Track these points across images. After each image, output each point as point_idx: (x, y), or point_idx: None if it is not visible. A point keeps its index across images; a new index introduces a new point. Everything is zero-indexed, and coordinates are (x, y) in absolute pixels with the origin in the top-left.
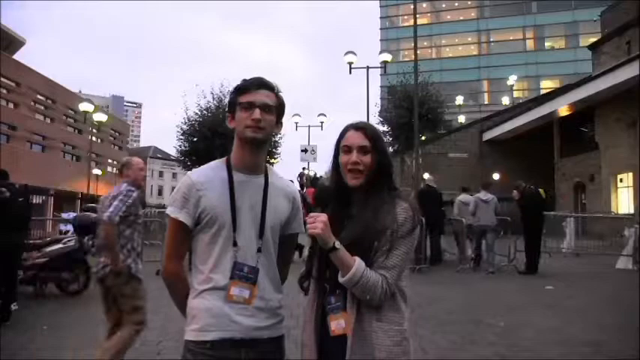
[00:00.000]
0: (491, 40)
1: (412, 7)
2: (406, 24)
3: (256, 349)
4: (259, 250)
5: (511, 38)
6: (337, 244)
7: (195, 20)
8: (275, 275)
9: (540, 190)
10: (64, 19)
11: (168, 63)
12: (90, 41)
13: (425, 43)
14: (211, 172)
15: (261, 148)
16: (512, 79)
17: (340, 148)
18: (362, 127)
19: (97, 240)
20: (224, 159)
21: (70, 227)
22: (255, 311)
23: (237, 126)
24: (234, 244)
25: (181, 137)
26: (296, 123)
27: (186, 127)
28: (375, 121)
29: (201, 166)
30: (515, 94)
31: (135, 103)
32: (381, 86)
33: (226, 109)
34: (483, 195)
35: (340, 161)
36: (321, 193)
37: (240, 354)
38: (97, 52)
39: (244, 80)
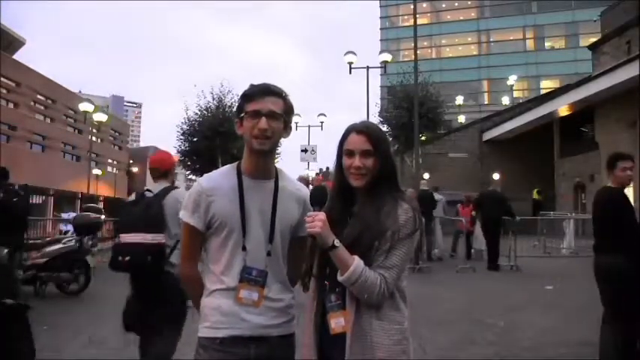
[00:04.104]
0: (491, 40)
1: (412, 7)
2: (406, 24)
3: (266, 346)
4: (268, 254)
5: (511, 38)
6: (336, 243)
7: (194, 20)
8: (284, 277)
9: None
10: (64, 19)
11: (168, 63)
12: (90, 41)
13: (425, 43)
14: (221, 177)
15: (269, 154)
16: (512, 79)
17: (343, 150)
18: (364, 131)
19: None
20: (235, 164)
21: (70, 227)
22: (264, 310)
23: (244, 134)
24: (244, 248)
25: (181, 137)
26: (296, 123)
27: (187, 127)
28: (375, 121)
29: (213, 172)
30: (515, 94)
31: (135, 103)
32: (381, 86)
33: (226, 108)
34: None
35: (343, 164)
36: (317, 193)
37: (250, 350)
38: (97, 52)
39: (251, 86)
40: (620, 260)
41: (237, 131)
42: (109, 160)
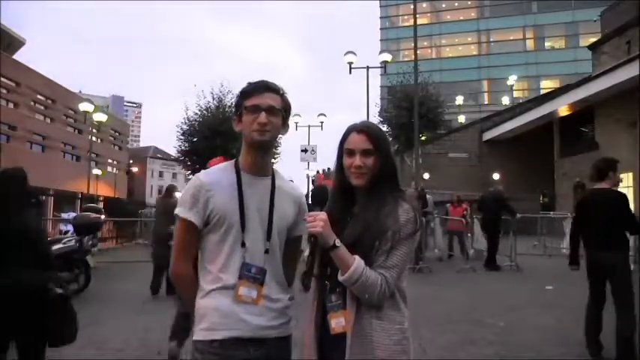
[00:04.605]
0: (491, 40)
1: (412, 7)
2: (406, 24)
3: (264, 347)
4: (266, 252)
5: (511, 38)
6: (337, 243)
7: (195, 20)
8: (281, 276)
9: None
10: (64, 19)
11: (168, 63)
12: (90, 41)
13: (425, 43)
14: (220, 173)
15: (268, 150)
16: (512, 79)
17: (343, 150)
18: (365, 130)
19: None
20: (233, 161)
21: (70, 227)
22: (263, 310)
23: (243, 129)
24: (243, 244)
25: (181, 137)
26: (296, 123)
27: (186, 127)
28: (375, 121)
29: (210, 168)
30: (515, 94)
31: (135, 103)
32: (381, 86)
33: (226, 108)
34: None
35: (344, 163)
36: (317, 193)
37: (249, 352)
38: (97, 52)
39: (249, 83)
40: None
41: (236, 128)
42: (109, 160)
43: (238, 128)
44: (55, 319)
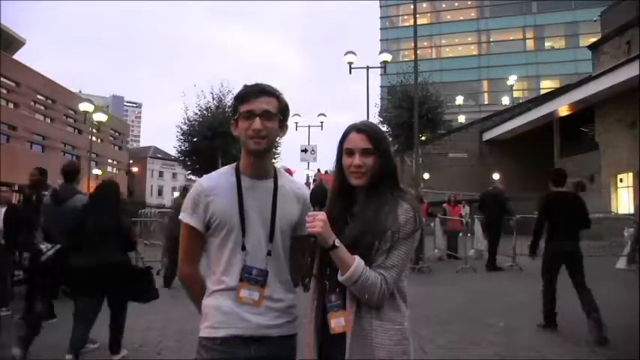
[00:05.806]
0: (491, 40)
1: (412, 7)
2: (406, 24)
3: (266, 346)
4: (269, 254)
5: (511, 38)
6: (337, 242)
7: (195, 20)
8: (286, 277)
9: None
10: (64, 19)
11: (168, 63)
12: (90, 41)
13: (425, 43)
14: (220, 177)
15: (266, 155)
16: (512, 79)
17: (343, 149)
18: (364, 130)
19: None
20: (234, 164)
21: None
22: (265, 310)
23: (240, 134)
24: (243, 247)
25: (181, 137)
26: (296, 123)
27: (186, 128)
28: (375, 121)
29: (212, 172)
30: (515, 94)
31: (135, 103)
32: (381, 86)
33: (226, 108)
34: None
35: (343, 163)
36: (317, 193)
37: (250, 350)
38: (97, 52)
39: (245, 86)
40: None
41: (233, 132)
42: (109, 160)
43: (236, 133)
44: (141, 284)
